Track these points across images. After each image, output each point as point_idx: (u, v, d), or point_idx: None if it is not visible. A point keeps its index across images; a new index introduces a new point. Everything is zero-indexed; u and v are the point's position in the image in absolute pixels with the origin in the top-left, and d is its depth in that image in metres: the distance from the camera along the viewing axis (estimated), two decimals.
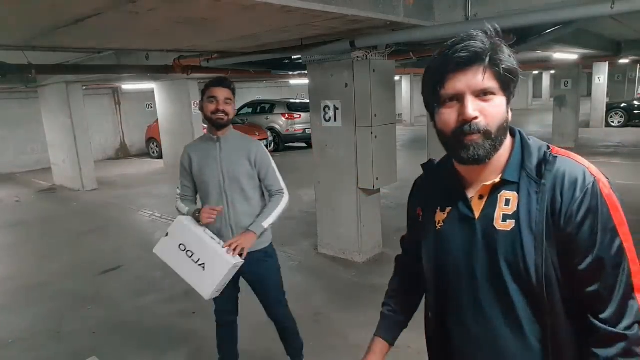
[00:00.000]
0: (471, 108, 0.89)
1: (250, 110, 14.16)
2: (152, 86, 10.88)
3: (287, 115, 12.72)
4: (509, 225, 0.93)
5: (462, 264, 1.00)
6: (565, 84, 10.94)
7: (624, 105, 14.05)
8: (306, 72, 4.54)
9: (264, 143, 4.11)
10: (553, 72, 19.02)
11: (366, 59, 4.04)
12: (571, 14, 2.86)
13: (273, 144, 12.39)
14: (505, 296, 0.94)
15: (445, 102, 0.92)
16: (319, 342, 3.00)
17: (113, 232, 6.05)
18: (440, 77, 0.91)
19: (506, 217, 0.94)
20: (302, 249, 4.81)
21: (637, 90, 17.17)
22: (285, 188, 2.35)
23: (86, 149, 8.77)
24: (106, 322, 3.55)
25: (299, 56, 4.74)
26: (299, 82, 13.64)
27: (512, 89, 0.93)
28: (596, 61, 12.20)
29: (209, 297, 2.13)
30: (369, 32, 3.62)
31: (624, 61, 12.93)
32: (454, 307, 1.04)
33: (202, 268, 2.09)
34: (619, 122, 13.95)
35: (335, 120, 4.29)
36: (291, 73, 6.96)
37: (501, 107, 0.92)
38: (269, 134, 12.20)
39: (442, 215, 1.05)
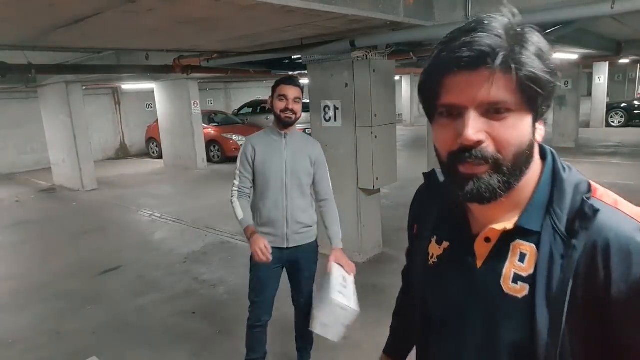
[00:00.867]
0: (473, 129, 0.64)
1: (250, 110, 14.15)
2: (152, 86, 10.89)
3: None
4: (520, 291, 0.69)
5: (451, 320, 0.80)
6: (565, 83, 10.94)
7: (624, 105, 14.06)
8: (306, 72, 4.54)
9: None
10: None
11: (366, 58, 4.04)
12: (571, 14, 2.87)
13: None
14: None
15: (443, 114, 0.69)
16: (319, 342, 3.00)
17: (113, 232, 6.04)
18: (436, 81, 0.68)
19: (518, 279, 0.69)
20: None
21: (637, 90, 17.17)
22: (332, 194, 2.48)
23: (86, 149, 8.77)
24: (106, 322, 3.55)
25: (299, 56, 4.74)
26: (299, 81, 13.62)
27: (540, 104, 0.66)
28: (596, 61, 12.19)
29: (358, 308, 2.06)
30: (369, 32, 3.62)
31: (624, 61, 12.91)
32: (435, 349, 0.86)
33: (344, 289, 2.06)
34: (619, 122, 13.95)
35: (335, 120, 4.29)
36: (291, 73, 6.95)
37: (519, 128, 0.66)
38: None
39: (438, 249, 0.83)
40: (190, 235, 5.63)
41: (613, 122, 14.05)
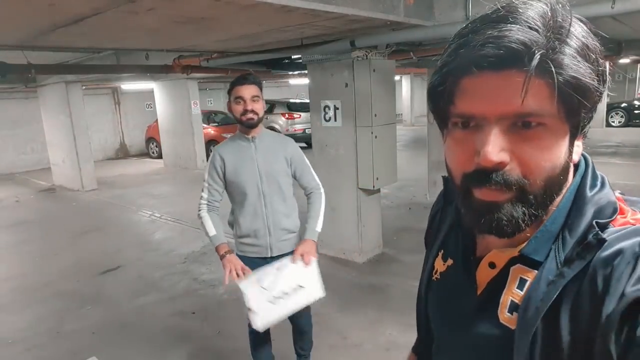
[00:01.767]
0: (494, 146, 0.51)
1: None
2: (152, 86, 10.89)
3: (287, 115, 12.70)
4: (512, 322, 0.58)
5: (446, 344, 0.74)
6: None
7: (624, 105, 14.07)
8: (306, 71, 4.54)
9: None
10: None
11: (366, 58, 4.04)
12: None
13: None
14: None
15: (457, 124, 0.56)
16: (319, 342, 3.00)
17: (113, 232, 6.04)
18: (450, 84, 0.54)
19: (514, 308, 0.59)
20: None
21: (638, 90, 17.17)
22: (320, 183, 2.34)
23: (86, 149, 8.77)
24: (106, 322, 3.55)
25: (299, 56, 4.74)
26: (299, 81, 13.63)
27: (583, 117, 0.53)
28: None
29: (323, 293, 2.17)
30: (369, 31, 3.61)
31: (624, 61, 12.90)
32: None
33: (300, 286, 2.13)
34: (619, 122, 13.97)
35: (335, 120, 4.29)
36: (291, 73, 6.95)
37: (553, 148, 0.52)
38: None
39: (442, 265, 0.75)
40: (190, 235, 5.63)
41: (613, 122, 14.07)
